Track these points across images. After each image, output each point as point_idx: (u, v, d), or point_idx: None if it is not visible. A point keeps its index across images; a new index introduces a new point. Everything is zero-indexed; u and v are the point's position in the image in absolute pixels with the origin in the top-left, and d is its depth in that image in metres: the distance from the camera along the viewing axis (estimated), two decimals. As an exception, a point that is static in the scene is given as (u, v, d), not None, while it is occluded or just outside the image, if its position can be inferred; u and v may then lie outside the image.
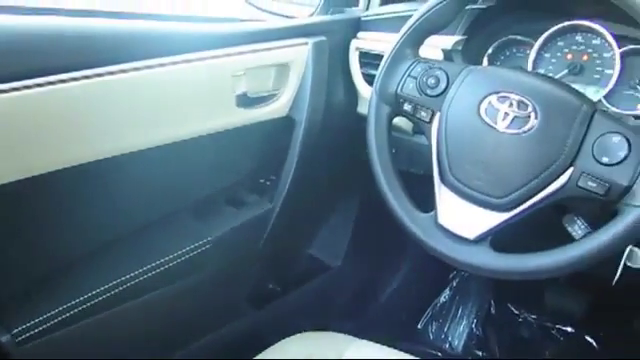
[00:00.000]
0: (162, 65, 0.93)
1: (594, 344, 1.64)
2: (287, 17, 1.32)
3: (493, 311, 1.76)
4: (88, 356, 1.00)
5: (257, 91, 1.11)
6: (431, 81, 0.91)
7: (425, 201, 0.91)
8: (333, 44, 1.23)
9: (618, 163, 0.76)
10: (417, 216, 0.91)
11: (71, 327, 0.95)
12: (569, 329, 1.68)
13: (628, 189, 0.75)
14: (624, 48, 1.03)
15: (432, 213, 0.89)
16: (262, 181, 1.24)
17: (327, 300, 1.53)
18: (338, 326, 1.45)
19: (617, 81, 1.04)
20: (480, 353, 1.67)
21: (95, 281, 0.98)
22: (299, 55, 1.15)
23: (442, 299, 1.78)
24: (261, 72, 1.11)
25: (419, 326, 1.74)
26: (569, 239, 0.85)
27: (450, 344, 1.70)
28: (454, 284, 1.79)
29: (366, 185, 0.98)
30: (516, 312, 1.75)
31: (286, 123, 1.18)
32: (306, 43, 1.17)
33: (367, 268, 1.62)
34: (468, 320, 1.73)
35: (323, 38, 1.20)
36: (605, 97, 1.05)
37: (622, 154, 0.75)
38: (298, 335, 1.06)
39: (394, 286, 1.70)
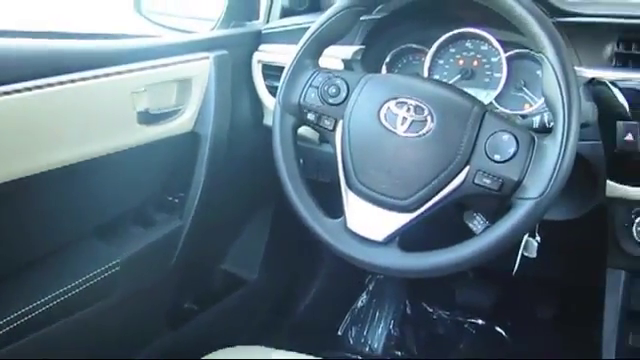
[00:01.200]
0: (61, 83, 0.89)
1: (504, 334, 1.73)
2: (187, 32, 1.31)
3: (409, 311, 1.81)
4: None
5: (159, 107, 1.09)
6: (332, 90, 0.93)
7: (336, 208, 0.93)
8: (235, 57, 1.23)
9: (508, 160, 0.81)
10: (326, 222, 0.92)
11: None
12: (480, 322, 1.76)
13: (519, 183, 0.80)
14: (509, 52, 1.10)
15: (341, 219, 0.91)
16: (170, 198, 1.22)
17: (246, 314, 1.52)
18: (259, 338, 1.44)
19: (505, 84, 1.11)
20: (399, 353, 1.71)
21: None
22: (201, 70, 1.14)
23: (360, 304, 1.81)
24: (163, 88, 1.09)
25: (339, 332, 1.76)
26: (472, 235, 0.89)
27: (370, 347, 1.73)
28: (370, 288, 1.83)
29: (277, 196, 0.98)
30: (430, 310, 1.81)
31: (192, 138, 1.17)
32: (207, 57, 1.16)
33: (284, 279, 1.62)
34: (386, 322, 1.78)
35: (225, 52, 1.19)
36: (495, 99, 1.11)
37: (511, 151, 0.80)
38: (220, 350, 1.04)
39: (312, 295, 1.71)
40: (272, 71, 1.23)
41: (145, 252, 1.12)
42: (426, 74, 1.16)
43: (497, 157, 0.81)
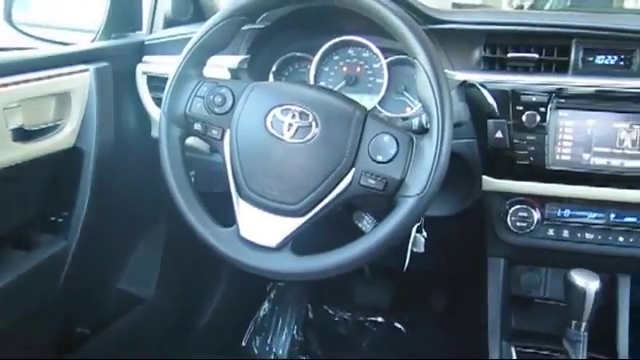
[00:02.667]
0: None
1: (402, 329, 1.80)
2: (65, 44, 1.25)
3: (311, 315, 1.84)
4: None
5: (36, 123, 1.03)
6: (218, 99, 0.93)
7: (232, 218, 0.93)
8: (118, 69, 1.19)
9: (390, 160, 0.84)
10: (219, 231, 0.92)
11: None
12: (380, 319, 1.82)
13: (402, 182, 0.84)
14: (389, 59, 1.15)
15: (233, 227, 0.91)
16: (54, 218, 1.15)
17: (144, 333, 1.47)
18: (160, 356, 1.40)
19: (387, 89, 1.16)
20: (304, 358, 1.73)
21: None
22: (80, 83, 1.10)
23: (262, 312, 1.81)
24: (39, 103, 1.04)
25: (243, 343, 1.75)
26: (362, 234, 0.92)
27: (275, 354, 1.74)
28: (272, 296, 1.84)
29: (170, 209, 0.96)
30: (332, 312, 1.85)
31: (74, 154, 1.11)
32: (87, 70, 1.12)
33: (183, 293, 1.59)
34: (289, 328, 1.79)
35: (106, 64, 1.16)
36: (379, 103, 1.16)
37: (392, 152, 0.84)
38: None
39: (213, 307, 1.69)
40: (157, 82, 1.21)
41: (28, 276, 1.06)
42: (312, 81, 1.18)
43: (380, 158, 0.85)
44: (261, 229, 0.89)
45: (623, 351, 1.15)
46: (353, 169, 0.86)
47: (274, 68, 1.23)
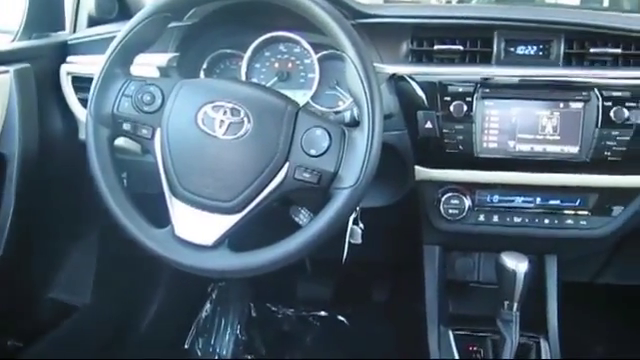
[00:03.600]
0: None
1: (345, 322, 1.82)
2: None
3: (254, 313, 1.83)
4: None
5: (-48, 129, 0.99)
6: (146, 98, 0.91)
7: (167, 218, 0.91)
8: (40, 70, 1.15)
9: (323, 153, 0.85)
10: (153, 232, 0.90)
11: None
12: (322, 313, 1.83)
13: (335, 174, 0.85)
14: (320, 54, 1.16)
15: (168, 227, 0.90)
16: (-23, 228, 1.10)
17: (82, 341, 1.42)
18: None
19: (319, 83, 1.16)
20: (248, 357, 1.72)
21: None
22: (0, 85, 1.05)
23: (204, 314, 1.79)
24: (-45, 107, 0.99)
25: (186, 345, 1.72)
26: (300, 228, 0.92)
27: (219, 355, 1.72)
28: (214, 296, 1.82)
29: (103, 213, 0.94)
30: (275, 309, 1.85)
31: (-5, 160, 1.07)
32: (7, 71, 1.07)
33: (120, 299, 1.55)
34: (232, 328, 1.78)
35: (27, 65, 1.11)
36: (312, 98, 1.17)
37: (325, 145, 0.85)
38: None
39: (154, 311, 1.66)
40: (83, 83, 1.17)
41: None
42: (244, 78, 1.18)
43: (313, 152, 0.86)
44: (196, 228, 0.88)
45: (553, 328, 1.21)
46: (287, 164, 0.86)
47: (205, 66, 1.21)
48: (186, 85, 0.92)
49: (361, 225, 1.03)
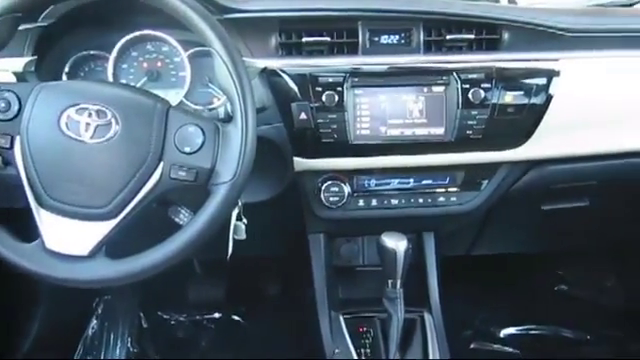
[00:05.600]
0: None
1: (241, 321, 1.81)
2: None
3: (145, 324, 1.77)
4: None
5: None
6: (1, 105, 0.85)
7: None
8: None
9: (198, 150, 0.84)
10: (21, 247, 0.85)
11: None
12: (217, 315, 1.81)
13: (212, 170, 0.85)
14: (190, 51, 1.14)
15: (38, 241, 0.85)
16: None
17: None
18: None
19: (191, 81, 1.14)
20: (143, 369, 1.67)
21: None
22: None
23: (91, 330, 1.71)
24: None
25: (73, 365, 1.64)
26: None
27: (110, 371, 1.65)
28: (100, 311, 1.74)
29: None
30: (167, 317, 1.80)
31: None
32: None
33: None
34: (123, 341, 1.71)
35: None
36: (185, 97, 1.14)
37: (199, 141, 0.85)
38: None
39: (35, 331, 1.56)
40: None
41: None
42: (111, 80, 1.13)
43: (187, 149, 0.84)
44: (69, 238, 0.84)
45: (435, 301, 1.28)
46: (161, 163, 0.84)
47: (67, 69, 1.14)
48: (45, 89, 0.87)
49: (244, 220, 1.04)
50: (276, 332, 1.71)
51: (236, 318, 1.81)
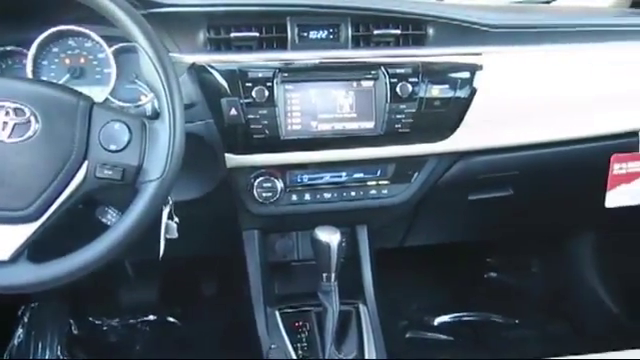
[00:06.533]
0: None
1: (177, 322, 1.78)
2: None
3: (76, 331, 1.71)
4: None
5: None
6: None
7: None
8: None
9: (124, 147, 0.83)
10: None
11: None
12: (152, 317, 1.77)
13: (140, 168, 0.83)
14: (114, 47, 1.10)
15: None
16: None
17: None
18: None
19: (117, 78, 1.11)
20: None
21: None
22: None
23: (17, 340, 1.63)
24: None
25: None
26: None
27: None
28: (26, 320, 1.66)
29: None
30: (99, 322, 1.75)
31: None
32: None
33: None
34: (52, 350, 1.64)
35: None
36: (111, 94, 1.11)
37: (125, 139, 0.83)
38: None
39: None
40: None
41: None
42: (30, 77, 1.08)
43: (113, 147, 0.82)
44: (-13, 243, 0.80)
45: (369, 292, 1.30)
46: (86, 162, 0.82)
47: (-19, 67, 1.09)
48: None
49: (176, 219, 1.02)
50: (213, 332, 1.69)
51: (171, 320, 1.78)
